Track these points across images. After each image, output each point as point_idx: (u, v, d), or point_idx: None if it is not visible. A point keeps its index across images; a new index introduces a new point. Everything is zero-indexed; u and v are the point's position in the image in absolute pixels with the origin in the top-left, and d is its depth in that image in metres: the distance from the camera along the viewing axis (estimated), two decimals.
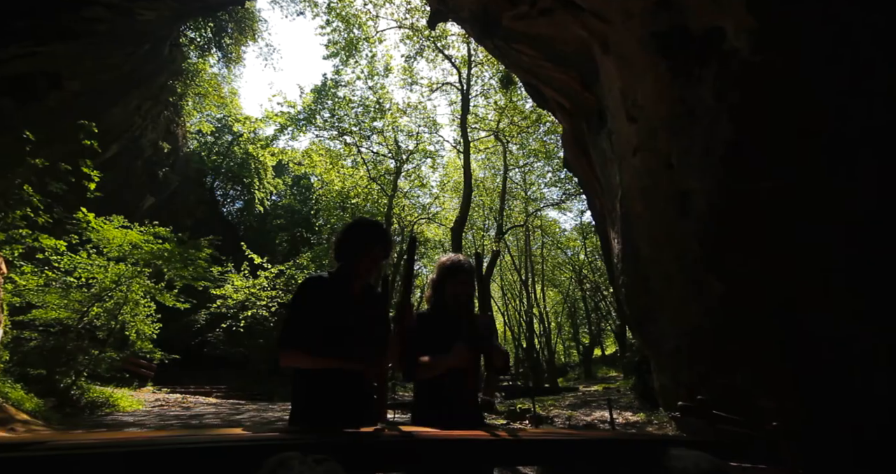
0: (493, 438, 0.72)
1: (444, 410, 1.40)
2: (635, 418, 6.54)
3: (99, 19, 11.75)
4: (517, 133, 17.21)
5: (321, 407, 1.30)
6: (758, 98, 3.01)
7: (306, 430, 0.99)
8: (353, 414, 1.27)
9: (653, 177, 4.30)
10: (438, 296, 1.62)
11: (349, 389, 1.32)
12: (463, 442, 0.70)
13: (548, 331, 24.35)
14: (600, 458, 0.73)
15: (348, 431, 0.81)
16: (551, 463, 0.68)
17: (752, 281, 3.02)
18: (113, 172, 15.11)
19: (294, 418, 1.35)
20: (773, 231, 2.88)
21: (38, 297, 8.51)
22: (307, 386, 1.35)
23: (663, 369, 4.46)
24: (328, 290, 1.43)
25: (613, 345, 28.10)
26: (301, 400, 1.38)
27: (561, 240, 25.69)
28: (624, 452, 0.78)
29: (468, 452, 0.67)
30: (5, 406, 5.01)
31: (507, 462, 0.74)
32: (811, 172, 2.69)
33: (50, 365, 7.88)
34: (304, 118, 16.61)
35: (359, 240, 1.49)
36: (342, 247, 1.51)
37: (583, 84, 6.02)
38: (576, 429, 5.72)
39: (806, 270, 2.70)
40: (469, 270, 1.62)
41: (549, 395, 11.16)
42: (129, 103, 15.57)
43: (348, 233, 1.52)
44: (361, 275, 1.46)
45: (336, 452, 0.55)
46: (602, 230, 6.35)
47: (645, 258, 4.40)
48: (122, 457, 0.51)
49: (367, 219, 1.62)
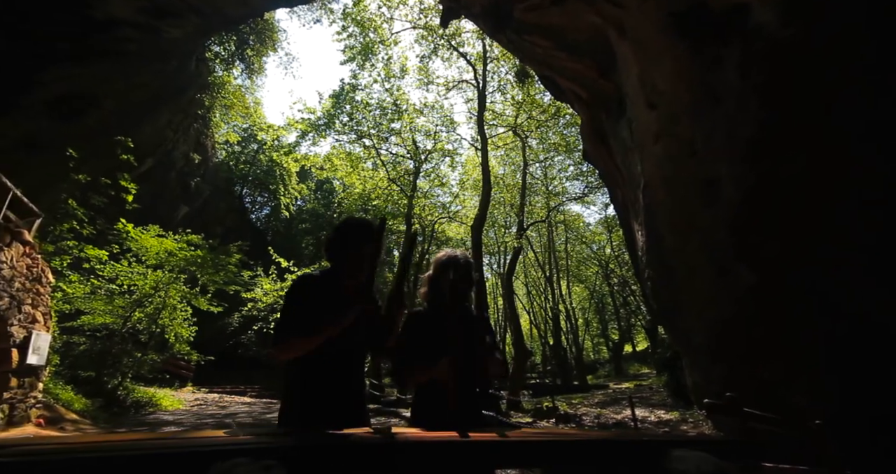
0: (479, 440, 0.68)
1: (443, 410, 1.38)
2: (669, 416, 6.30)
3: (128, 39, 12.36)
4: (536, 127, 16.91)
5: (308, 407, 1.29)
6: (786, 76, 2.83)
7: (276, 433, 0.97)
8: (341, 414, 1.26)
9: (676, 165, 4.12)
10: (434, 293, 1.58)
11: (337, 389, 1.32)
12: (445, 444, 0.68)
13: (575, 328, 23.85)
14: (597, 460, 0.69)
15: (327, 433, 0.80)
16: (543, 465, 0.64)
17: (785, 269, 2.84)
18: (149, 184, 15.93)
19: (282, 419, 1.36)
20: (809, 215, 2.70)
21: (85, 304, 9.07)
22: (295, 387, 1.35)
23: (694, 365, 4.27)
24: (320, 289, 1.42)
25: (645, 341, 27.23)
26: (289, 401, 1.38)
27: (585, 234, 25.09)
28: (623, 454, 0.73)
29: (451, 455, 0.64)
30: (56, 406, 5.37)
31: (494, 465, 0.68)
32: (844, 152, 2.51)
33: (98, 367, 8.38)
34: (323, 123, 16.93)
35: (349, 239, 1.48)
36: (333, 247, 1.51)
37: (599, 72, 5.85)
38: (605, 428, 5.56)
39: (846, 258, 2.51)
40: (465, 265, 1.58)
41: (578, 393, 10.93)
42: (161, 118, 16.35)
43: (338, 233, 1.52)
44: (353, 274, 1.46)
45: (290, 457, 0.54)
46: (625, 222, 6.15)
47: (670, 249, 4.23)
48: (60, 465, 0.49)
49: (357, 218, 1.61)
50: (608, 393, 11.26)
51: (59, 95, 11.65)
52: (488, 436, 0.72)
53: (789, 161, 2.85)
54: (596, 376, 25.08)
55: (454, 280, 1.50)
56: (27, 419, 4.53)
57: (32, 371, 4.71)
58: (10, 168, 9.00)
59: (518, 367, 9.12)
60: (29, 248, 4.73)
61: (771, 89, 2.99)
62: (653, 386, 12.26)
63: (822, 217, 2.64)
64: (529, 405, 7.41)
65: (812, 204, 2.67)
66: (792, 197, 2.83)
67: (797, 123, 2.78)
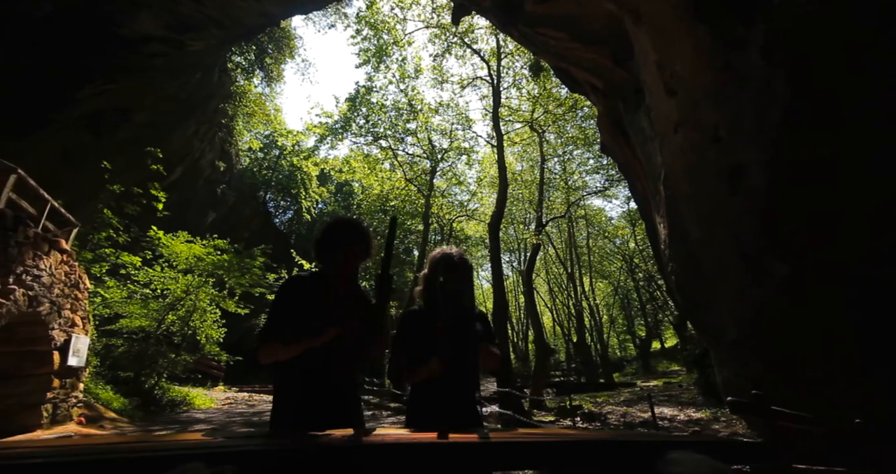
0: (456, 442, 0.65)
1: (437, 410, 1.35)
2: (699, 415, 6.07)
3: (156, 54, 12.88)
4: (553, 121, 16.63)
5: (294, 409, 1.29)
6: (815, 55, 2.65)
7: (251, 435, 0.96)
8: (328, 416, 1.25)
9: (698, 153, 3.95)
10: (430, 292, 1.56)
11: (324, 391, 1.30)
12: (416, 446, 0.64)
13: (599, 325, 23.34)
14: (588, 462, 0.65)
15: (295, 436, 0.78)
16: (527, 468, 0.60)
17: (821, 260, 2.66)
18: (178, 193, 16.62)
19: (272, 422, 1.36)
20: (844, 201, 2.52)
21: (123, 308, 9.53)
22: (282, 389, 1.35)
23: (725, 362, 4.09)
24: (308, 290, 1.41)
25: (674, 338, 26.39)
26: (277, 403, 1.38)
27: (608, 229, 24.51)
28: (617, 455, 0.68)
29: (424, 458, 0.61)
30: (96, 405, 5.66)
31: (472, 468, 0.63)
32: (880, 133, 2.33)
33: (136, 368, 8.79)
34: (340, 127, 17.20)
35: (337, 240, 1.47)
36: (321, 248, 1.50)
37: (615, 60, 5.68)
38: (630, 427, 5.39)
39: (887, 246, 2.33)
40: (460, 263, 1.56)
41: (604, 391, 10.68)
42: (188, 128, 17.00)
43: (327, 233, 1.51)
44: (342, 275, 1.45)
45: (247, 461, 0.52)
46: (646, 214, 5.95)
47: (695, 241, 4.06)
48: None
49: (345, 218, 1.60)
50: (635, 391, 10.95)
51: (93, 111, 12.28)
52: (468, 438, 0.68)
53: (821, 144, 2.68)
54: (623, 374, 24.48)
55: (445, 279, 1.49)
56: (69, 418, 4.81)
57: (73, 372, 4.99)
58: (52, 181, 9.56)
59: (540, 365, 9.00)
60: (66, 256, 5.00)
61: (799, 69, 2.82)
62: (682, 384, 11.85)
63: (859, 202, 2.47)
64: (553, 403, 7.28)
65: (847, 188, 2.50)
66: (825, 182, 2.66)
67: (829, 104, 2.60)
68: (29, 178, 4.76)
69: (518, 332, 29.73)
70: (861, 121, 2.42)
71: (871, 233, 2.41)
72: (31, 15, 9.40)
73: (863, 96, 2.41)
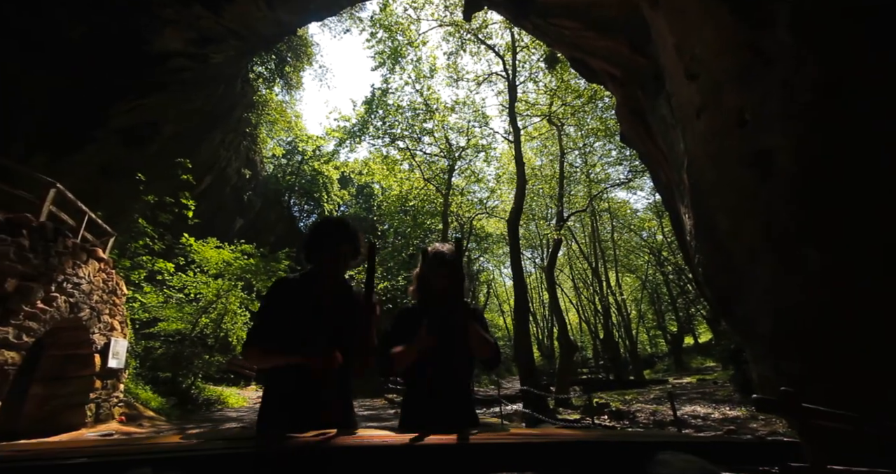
0: (431, 444, 0.62)
1: (428, 411, 1.32)
2: (735, 413, 5.80)
3: (181, 68, 13.43)
4: (571, 114, 16.27)
5: (279, 410, 1.29)
6: (847, 29, 2.47)
7: (235, 438, 0.95)
8: (312, 417, 1.24)
9: (723, 139, 3.77)
10: (423, 289, 1.54)
11: (311, 392, 1.30)
12: (387, 449, 0.62)
13: (627, 321, 22.69)
14: (575, 465, 0.61)
15: (278, 437, 0.76)
16: (506, 471, 0.57)
17: (862, 248, 2.48)
18: (208, 201, 17.31)
19: (258, 422, 1.37)
20: (884, 184, 2.33)
21: (160, 312, 10.02)
22: (268, 389, 1.36)
23: (760, 357, 3.88)
24: (296, 292, 1.41)
25: (707, 332, 25.34)
26: (263, 404, 1.39)
27: (633, 221, 23.77)
28: (604, 457, 0.64)
29: (395, 461, 0.58)
30: (136, 404, 5.97)
31: (448, 471, 0.60)
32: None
33: (173, 369, 9.23)
34: (358, 130, 17.43)
35: (324, 240, 1.46)
36: (309, 248, 1.50)
37: (632, 47, 5.49)
38: (659, 426, 5.20)
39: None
40: (451, 260, 1.53)
41: (633, 388, 10.38)
42: (214, 139, 17.66)
43: (314, 234, 1.51)
44: (331, 275, 1.44)
45: (197, 467, 0.51)
46: (671, 205, 5.73)
47: (723, 232, 3.87)
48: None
49: (332, 218, 1.60)
50: (666, 388, 10.58)
51: (126, 126, 12.94)
52: (444, 439, 0.66)
53: (857, 124, 2.49)
54: (654, 371, 23.74)
55: (437, 275, 1.46)
56: (111, 416, 5.09)
57: (113, 373, 5.28)
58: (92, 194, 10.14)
59: (564, 363, 8.82)
60: (103, 264, 5.29)
61: (830, 45, 2.63)
62: (717, 381, 11.36)
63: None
64: (579, 401, 7.13)
65: (888, 170, 2.31)
66: (863, 163, 2.47)
67: (865, 80, 2.42)
68: (67, 192, 5.06)
69: (543, 329, 29.33)
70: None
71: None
72: (66, 37, 9.97)
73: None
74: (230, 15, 12.48)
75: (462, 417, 1.35)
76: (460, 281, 1.37)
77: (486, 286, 29.63)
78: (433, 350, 1.34)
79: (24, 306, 3.96)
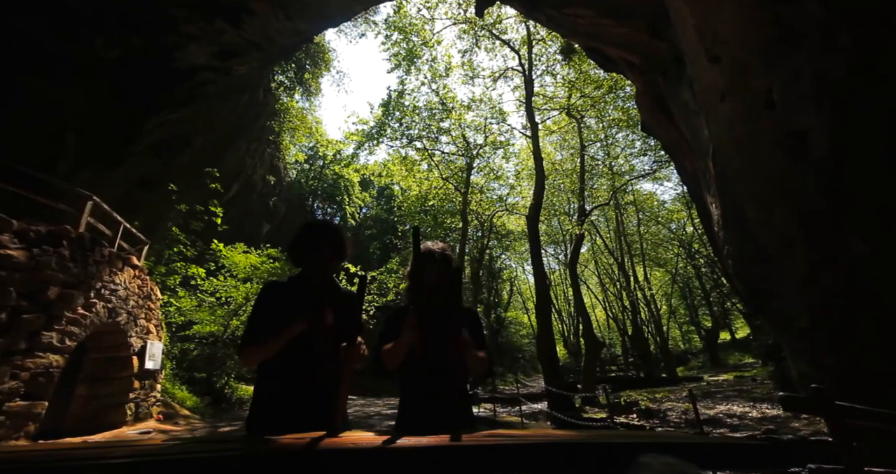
0: (403, 447, 0.59)
1: (422, 414, 1.30)
2: (775, 412, 5.49)
3: (207, 82, 13.96)
4: (591, 105, 15.87)
5: (268, 411, 1.30)
6: None
7: (217, 440, 0.94)
8: (301, 419, 1.23)
9: (750, 123, 3.57)
10: (415, 289, 1.52)
11: (300, 392, 1.30)
12: (361, 452, 0.60)
13: (657, 316, 21.94)
14: (556, 467, 0.58)
15: (254, 439, 0.76)
16: (487, 472, 0.54)
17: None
18: (235, 207, 17.97)
19: (247, 424, 1.38)
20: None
21: (194, 315, 10.47)
22: (258, 391, 1.37)
23: (798, 352, 3.66)
24: (285, 294, 1.43)
25: (745, 327, 24.16)
26: (251, 404, 1.40)
27: (660, 213, 22.95)
28: (582, 460, 0.60)
29: (369, 464, 0.56)
30: (172, 404, 6.26)
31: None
32: None
33: (208, 369, 9.62)
34: (376, 132, 17.64)
35: (310, 242, 1.47)
36: (295, 251, 1.52)
37: (650, 32, 5.30)
38: (691, 425, 4.98)
39: None
40: (441, 260, 1.51)
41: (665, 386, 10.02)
42: (240, 148, 18.29)
43: (299, 236, 1.53)
44: (317, 277, 1.45)
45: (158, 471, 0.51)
46: (697, 195, 5.49)
47: (753, 221, 3.67)
48: None
49: (317, 221, 1.61)
50: (701, 386, 10.15)
51: (159, 140, 13.58)
52: (432, 441, 0.63)
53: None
54: (688, 368, 22.87)
55: (428, 274, 1.44)
56: (149, 415, 5.36)
57: (150, 374, 5.56)
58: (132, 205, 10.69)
59: (590, 360, 8.60)
60: (138, 271, 5.58)
61: (865, 15, 2.44)
62: (756, 378, 10.80)
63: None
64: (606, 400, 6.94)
65: None
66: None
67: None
68: (103, 204, 5.36)
69: (569, 327, 28.78)
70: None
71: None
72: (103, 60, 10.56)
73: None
74: (251, 28, 12.87)
75: (457, 418, 1.33)
76: (457, 283, 1.35)
77: (509, 284, 29.35)
78: (425, 349, 1.32)
79: (66, 312, 4.24)
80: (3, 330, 3.64)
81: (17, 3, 7.68)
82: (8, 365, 3.67)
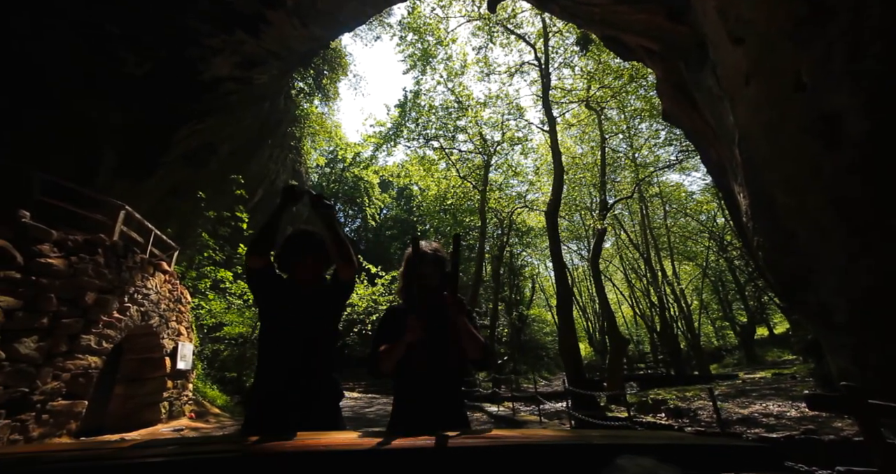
0: (403, 447, 0.58)
1: (417, 412, 1.28)
2: (815, 411, 5.18)
3: (231, 92, 14.45)
4: (612, 96, 15.44)
5: (260, 412, 1.31)
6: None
7: (203, 441, 0.95)
8: (289, 420, 1.23)
9: (778, 106, 3.38)
10: (408, 288, 1.51)
11: (285, 394, 1.30)
12: (335, 454, 0.58)
13: (687, 312, 21.13)
14: (534, 470, 0.55)
15: (238, 440, 0.76)
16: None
17: None
18: (260, 212, 18.53)
19: (244, 425, 1.40)
20: None
21: (224, 317, 10.88)
22: (250, 392, 1.39)
23: (837, 348, 3.44)
24: (280, 294, 1.47)
25: (784, 322, 22.95)
26: (246, 405, 1.43)
27: (689, 205, 22.08)
28: (558, 462, 0.57)
29: (346, 466, 0.55)
30: (203, 402, 6.51)
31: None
32: None
33: (238, 369, 9.97)
34: (393, 133, 17.77)
35: (292, 250, 1.52)
36: (281, 259, 1.55)
37: (669, 16, 5.10)
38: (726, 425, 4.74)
39: None
40: (433, 260, 1.51)
41: (696, 384, 9.65)
42: (263, 154, 18.84)
43: (283, 245, 1.57)
44: (303, 282, 1.48)
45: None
46: (723, 184, 5.24)
47: (784, 209, 3.47)
48: None
49: (301, 229, 1.63)
50: (735, 384, 9.71)
51: (188, 149, 14.17)
52: (418, 442, 0.62)
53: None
54: (722, 365, 21.96)
55: (419, 272, 1.45)
56: (182, 413, 5.60)
57: (182, 374, 5.81)
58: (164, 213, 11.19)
59: (615, 358, 8.36)
60: (168, 276, 5.83)
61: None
62: (797, 376, 10.24)
63: None
64: (634, 398, 6.75)
65: None
66: None
67: None
68: (135, 213, 5.62)
69: (594, 324, 28.16)
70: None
71: None
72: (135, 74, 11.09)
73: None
74: (269, 37, 13.21)
75: (450, 419, 1.32)
76: (454, 275, 1.34)
77: (531, 281, 28.98)
78: (422, 349, 1.32)
79: (102, 316, 4.49)
80: (45, 333, 3.90)
81: (61, 32, 8.17)
82: (50, 367, 3.93)
